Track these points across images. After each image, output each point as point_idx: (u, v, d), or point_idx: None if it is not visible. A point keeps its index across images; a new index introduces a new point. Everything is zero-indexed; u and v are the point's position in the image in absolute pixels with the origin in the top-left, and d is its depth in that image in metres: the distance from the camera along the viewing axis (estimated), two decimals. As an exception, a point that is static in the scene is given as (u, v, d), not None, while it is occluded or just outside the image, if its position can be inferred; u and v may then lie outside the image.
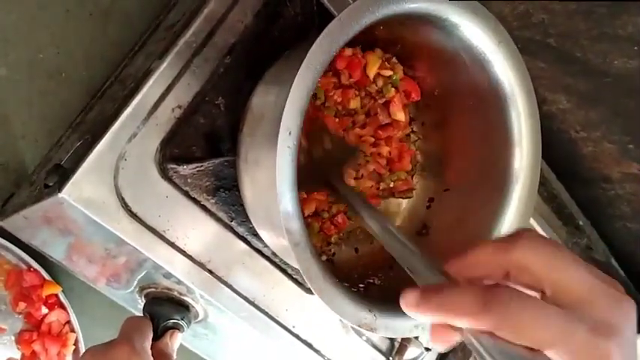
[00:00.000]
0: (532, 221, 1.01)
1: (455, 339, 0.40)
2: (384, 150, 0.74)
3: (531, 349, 0.35)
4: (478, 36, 0.61)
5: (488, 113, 0.66)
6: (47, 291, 0.74)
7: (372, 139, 0.73)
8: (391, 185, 0.76)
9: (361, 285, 0.67)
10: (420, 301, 0.40)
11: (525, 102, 0.64)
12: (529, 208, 0.66)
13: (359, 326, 0.57)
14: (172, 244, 0.63)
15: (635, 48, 0.77)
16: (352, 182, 0.72)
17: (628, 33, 0.75)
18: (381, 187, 0.75)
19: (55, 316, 0.75)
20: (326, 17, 0.68)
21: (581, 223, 1.14)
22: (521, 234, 0.39)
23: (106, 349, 0.59)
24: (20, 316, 0.75)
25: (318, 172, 0.66)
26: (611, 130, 0.97)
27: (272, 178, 0.50)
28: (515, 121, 0.64)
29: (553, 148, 1.05)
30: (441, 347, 0.42)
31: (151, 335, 0.63)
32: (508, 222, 0.66)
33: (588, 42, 0.82)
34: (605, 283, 0.37)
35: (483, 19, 0.61)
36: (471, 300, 0.36)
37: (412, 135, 0.77)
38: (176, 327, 0.67)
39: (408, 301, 0.41)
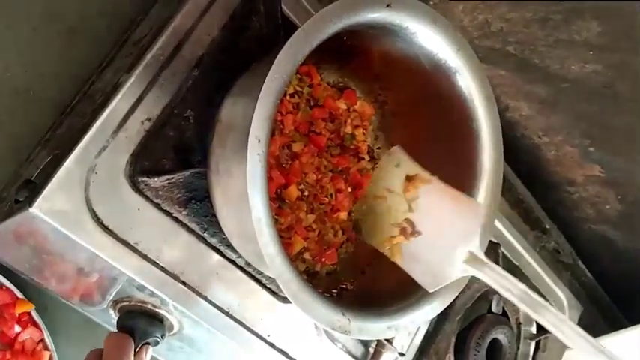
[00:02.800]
0: (499, 225, 1.03)
1: None
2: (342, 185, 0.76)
3: None
4: (437, 43, 0.64)
5: (451, 117, 0.68)
6: (20, 309, 0.74)
7: (330, 175, 0.75)
8: None
9: (334, 290, 0.68)
10: None
11: (485, 104, 0.66)
12: (494, 207, 0.68)
13: (333, 329, 0.57)
14: (145, 257, 0.64)
15: (591, 52, 0.80)
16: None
17: (583, 38, 0.78)
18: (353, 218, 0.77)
19: (28, 334, 0.75)
20: (291, 29, 0.68)
21: (547, 226, 1.16)
22: None
23: None
24: (-8, 336, 0.74)
25: None
26: (571, 134, 1.00)
27: (243, 187, 0.51)
28: (477, 123, 0.67)
29: (517, 154, 1.08)
30: None
31: (132, 352, 0.63)
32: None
33: (546, 48, 0.85)
34: None
35: (441, 27, 0.63)
36: None
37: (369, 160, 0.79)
38: (149, 342, 0.67)
39: None
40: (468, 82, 0.66)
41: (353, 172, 0.76)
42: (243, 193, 0.51)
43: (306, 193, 0.72)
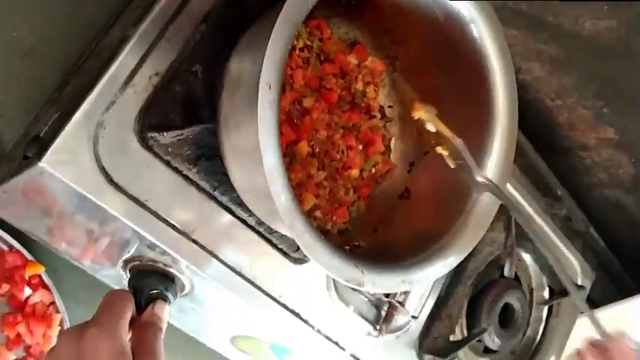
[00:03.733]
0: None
1: None
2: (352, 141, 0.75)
3: None
4: (451, -8, 0.62)
5: (464, 71, 0.67)
6: (30, 271, 0.73)
7: (341, 131, 0.74)
8: (372, 171, 0.77)
9: (347, 247, 0.68)
10: None
11: (500, 57, 0.65)
12: (509, 162, 0.67)
13: (346, 281, 0.57)
14: (155, 214, 0.63)
15: (606, 7, 0.78)
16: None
17: (598, -8, 0.77)
18: (365, 176, 0.76)
19: (39, 297, 0.75)
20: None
21: (559, 193, 1.15)
22: None
23: (76, 333, 0.57)
24: (3, 299, 0.74)
25: None
26: (584, 95, 0.98)
27: (254, 138, 0.50)
28: (491, 76, 0.65)
29: (529, 118, 1.06)
30: None
31: (129, 310, 0.60)
32: (488, 176, 0.66)
33: (559, 5, 0.83)
34: None
35: (456, -25, 0.61)
36: None
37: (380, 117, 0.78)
38: (161, 297, 0.66)
39: None
40: (482, 33, 0.64)
41: (364, 129, 0.75)
42: (254, 145, 0.50)
43: (317, 150, 0.71)
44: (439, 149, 0.68)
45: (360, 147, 0.75)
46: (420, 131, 0.75)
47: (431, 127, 0.68)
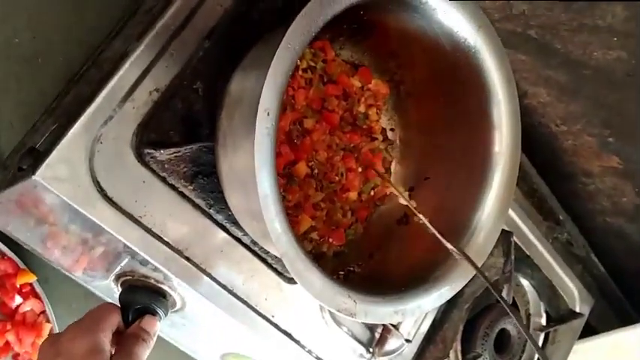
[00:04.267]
0: (513, 214, 1.01)
1: None
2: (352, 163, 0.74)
3: None
4: (457, 20, 0.62)
5: (468, 98, 0.66)
6: (22, 280, 0.73)
7: (341, 153, 0.73)
8: (371, 194, 0.76)
9: (341, 272, 0.67)
10: None
11: (505, 87, 0.64)
12: (509, 194, 0.66)
13: (338, 311, 0.56)
14: (149, 230, 0.62)
15: (615, 39, 0.78)
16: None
17: (607, 23, 0.76)
18: (363, 199, 0.75)
19: (29, 306, 0.74)
20: (305, 2, 0.67)
21: (561, 217, 1.14)
22: None
23: (57, 334, 0.58)
24: (-7, 306, 0.73)
25: None
26: (591, 123, 0.97)
27: (250, 161, 0.49)
28: (494, 106, 0.65)
29: (533, 142, 1.06)
30: None
31: (113, 317, 0.61)
32: (488, 208, 0.66)
33: (568, 33, 0.82)
34: None
35: (463, 3, 0.61)
36: None
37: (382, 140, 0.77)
38: (150, 312, 0.65)
39: None
40: (487, 62, 0.63)
41: (365, 151, 0.74)
42: (251, 167, 0.49)
43: (315, 171, 0.70)
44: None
45: (360, 169, 0.74)
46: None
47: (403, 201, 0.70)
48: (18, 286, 0.73)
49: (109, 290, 0.72)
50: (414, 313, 0.62)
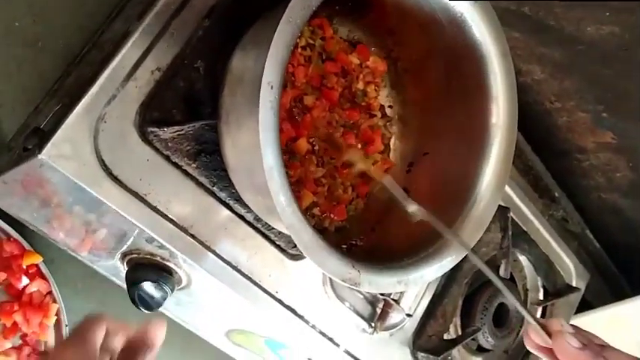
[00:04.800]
0: (509, 191, 1.02)
1: None
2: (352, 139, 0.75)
3: None
4: (455, -6, 0.62)
5: (465, 73, 0.67)
6: (28, 261, 0.74)
7: (341, 130, 0.74)
8: (372, 170, 0.77)
9: (344, 246, 0.68)
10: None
11: (501, 60, 0.65)
12: (507, 165, 0.67)
13: (343, 281, 0.57)
14: (154, 208, 0.63)
15: (608, 14, 0.78)
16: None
17: (600, -2, 0.77)
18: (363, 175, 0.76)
19: (36, 287, 0.75)
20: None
21: (556, 194, 1.16)
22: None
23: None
24: (0, 287, 0.74)
25: None
26: (585, 99, 0.98)
27: (254, 136, 0.50)
28: (491, 79, 0.66)
29: (528, 119, 1.07)
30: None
31: (99, 334, 0.57)
32: (486, 180, 0.67)
33: (562, 9, 0.83)
34: None
35: (460, -22, 0.62)
36: None
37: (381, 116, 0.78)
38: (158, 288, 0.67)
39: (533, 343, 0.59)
40: (483, 36, 0.64)
41: (364, 128, 0.75)
42: (254, 142, 0.50)
43: (316, 147, 0.71)
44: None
45: (360, 145, 0.75)
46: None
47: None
48: (24, 267, 0.74)
49: (115, 269, 0.73)
50: (417, 283, 0.63)
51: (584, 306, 1.22)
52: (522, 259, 1.08)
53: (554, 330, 0.57)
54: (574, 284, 1.16)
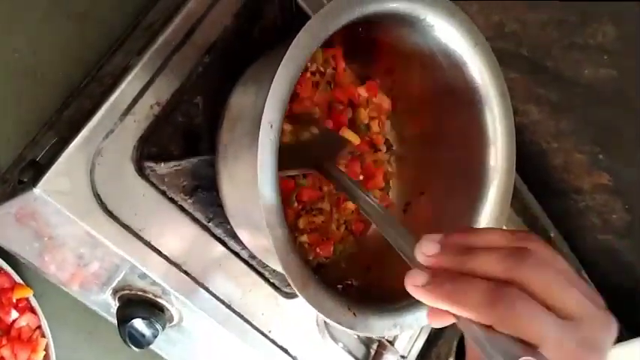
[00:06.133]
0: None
1: (450, 321, 0.43)
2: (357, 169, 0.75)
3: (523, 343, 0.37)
4: (454, 37, 0.63)
5: (464, 115, 0.67)
6: (18, 294, 0.72)
7: (348, 156, 0.74)
8: None
9: (339, 286, 0.67)
10: (431, 285, 0.42)
11: (500, 103, 0.65)
12: (505, 208, 0.67)
13: (338, 323, 0.56)
14: (148, 244, 0.62)
15: (605, 57, 0.79)
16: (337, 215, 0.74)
17: (598, 42, 0.77)
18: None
19: (25, 321, 0.73)
20: (304, 20, 0.68)
21: (552, 235, 1.15)
22: (527, 248, 0.40)
23: None
24: (-11, 321, 0.73)
25: (305, 153, 0.66)
26: (581, 140, 0.99)
27: (252, 174, 0.50)
28: (490, 122, 0.66)
29: (525, 159, 1.06)
30: (436, 325, 0.45)
31: None
32: (484, 222, 0.67)
33: (560, 52, 0.84)
34: (596, 305, 0.40)
35: (459, 20, 0.62)
36: (480, 295, 0.38)
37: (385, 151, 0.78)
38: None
39: (415, 280, 0.43)
40: (483, 79, 0.65)
41: (369, 162, 0.75)
42: (252, 180, 0.50)
43: None
44: None
45: (362, 177, 0.74)
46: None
47: None
48: (14, 300, 0.72)
49: (106, 305, 0.72)
50: (412, 326, 0.62)
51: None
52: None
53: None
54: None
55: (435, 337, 0.91)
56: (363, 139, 0.75)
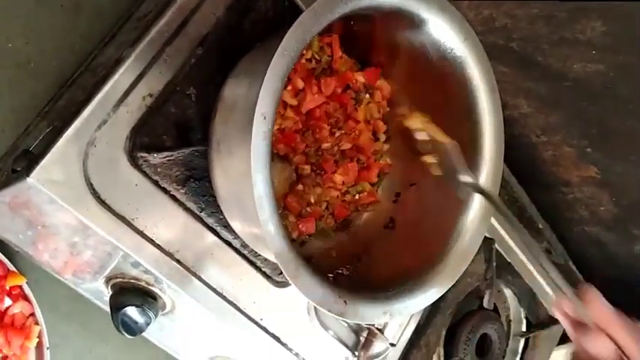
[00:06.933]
0: (494, 222, 1.03)
1: None
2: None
3: None
4: (445, 32, 0.64)
5: (453, 107, 0.68)
6: (11, 282, 0.73)
7: (349, 145, 0.75)
8: (356, 197, 0.77)
9: (330, 275, 0.68)
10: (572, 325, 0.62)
11: (489, 97, 0.66)
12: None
13: (329, 311, 0.57)
14: (141, 233, 0.63)
15: (594, 52, 0.80)
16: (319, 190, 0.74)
17: (587, 37, 0.78)
18: (347, 199, 0.77)
19: (18, 308, 0.74)
20: (296, 13, 0.69)
21: (540, 226, 1.16)
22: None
23: None
24: (-18, 308, 0.73)
25: None
26: (570, 134, 1.00)
27: (245, 164, 0.50)
28: (479, 113, 0.67)
29: (514, 152, 1.08)
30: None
31: None
32: (472, 212, 0.68)
33: (549, 46, 0.85)
34: None
35: (450, 15, 0.63)
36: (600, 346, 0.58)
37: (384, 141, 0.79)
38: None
39: (562, 309, 0.62)
40: (473, 73, 0.66)
41: (369, 154, 0.76)
42: (245, 171, 0.51)
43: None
44: (427, 158, 0.70)
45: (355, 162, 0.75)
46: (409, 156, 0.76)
47: (423, 136, 0.70)
48: (7, 288, 0.73)
49: (99, 293, 0.73)
50: (402, 314, 0.64)
51: (567, 338, 1.23)
52: (506, 290, 1.08)
53: (590, 297, 0.59)
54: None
55: (424, 326, 0.92)
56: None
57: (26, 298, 0.75)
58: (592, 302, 0.59)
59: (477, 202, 0.68)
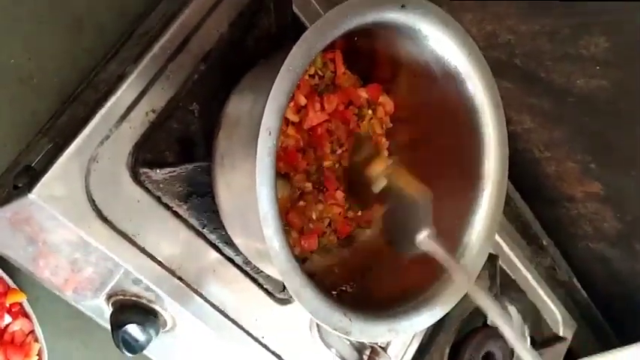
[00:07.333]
0: (498, 239, 1.03)
1: None
2: None
3: None
4: (448, 47, 0.63)
5: (457, 124, 0.68)
6: (11, 299, 0.72)
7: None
8: (359, 214, 0.77)
9: (334, 292, 0.67)
10: None
11: (493, 112, 0.66)
12: (497, 215, 0.67)
13: (334, 329, 0.57)
14: (142, 249, 0.63)
15: (597, 68, 0.80)
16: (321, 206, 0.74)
17: (590, 53, 0.78)
18: (349, 216, 0.76)
19: (18, 325, 0.73)
20: (300, 29, 0.68)
21: (544, 242, 1.16)
22: None
23: None
24: (-19, 326, 0.72)
25: None
26: (574, 149, 0.99)
27: (249, 181, 0.50)
28: (483, 131, 0.66)
29: (517, 167, 1.07)
30: None
31: None
32: (477, 229, 0.67)
33: (552, 62, 0.85)
34: None
35: (453, 30, 0.63)
36: None
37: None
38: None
39: None
40: (476, 89, 0.65)
41: None
42: (249, 185, 0.50)
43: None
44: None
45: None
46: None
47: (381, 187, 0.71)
48: (8, 305, 0.72)
49: (100, 310, 0.72)
50: (407, 332, 0.63)
51: (571, 356, 1.22)
52: (510, 307, 1.07)
53: None
54: (561, 334, 1.15)
55: (427, 344, 0.91)
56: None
57: (26, 316, 0.74)
58: None
59: (480, 220, 0.67)
